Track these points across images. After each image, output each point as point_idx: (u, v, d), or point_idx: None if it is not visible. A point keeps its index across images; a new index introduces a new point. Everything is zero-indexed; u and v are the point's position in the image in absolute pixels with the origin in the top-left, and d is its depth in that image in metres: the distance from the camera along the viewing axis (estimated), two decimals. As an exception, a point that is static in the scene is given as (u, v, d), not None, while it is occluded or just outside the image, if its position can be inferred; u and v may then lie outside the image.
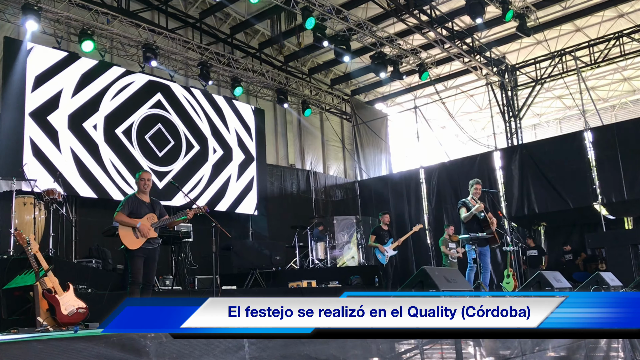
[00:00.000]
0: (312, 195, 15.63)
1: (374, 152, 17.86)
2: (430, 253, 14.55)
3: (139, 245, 5.73)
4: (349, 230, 13.54)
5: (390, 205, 15.49)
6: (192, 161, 12.14)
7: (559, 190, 12.84)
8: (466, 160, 14.94)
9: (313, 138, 16.85)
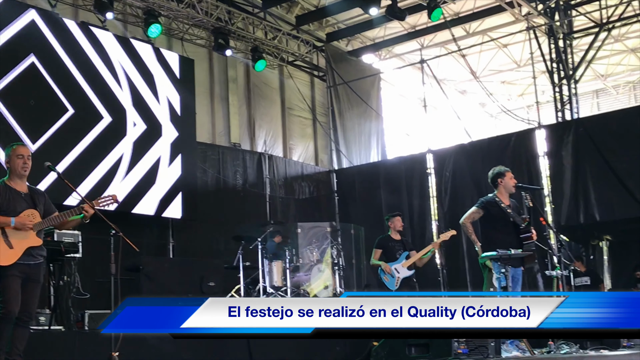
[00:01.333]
0: (266, 190, 15.55)
1: (359, 128, 17.85)
2: (440, 278, 14.63)
3: (14, 260, 5.69)
4: (321, 244, 13.49)
5: (382, 206, 15.53)
6: (93, 141, 11.98)
7: (631, 189, 13.03)
8: (495, 141, 15.05)
9: (269, 105, 16.75)
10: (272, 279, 11.98)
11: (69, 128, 11.85)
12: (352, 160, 17.41)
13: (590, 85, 22.51)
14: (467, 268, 14.26)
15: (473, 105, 22.89)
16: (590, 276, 13.39)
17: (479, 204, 8.03)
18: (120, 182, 12.43)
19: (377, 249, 10.25)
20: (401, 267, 10.02)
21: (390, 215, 10.57)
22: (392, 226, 10.39)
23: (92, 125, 12.22)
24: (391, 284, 9.93)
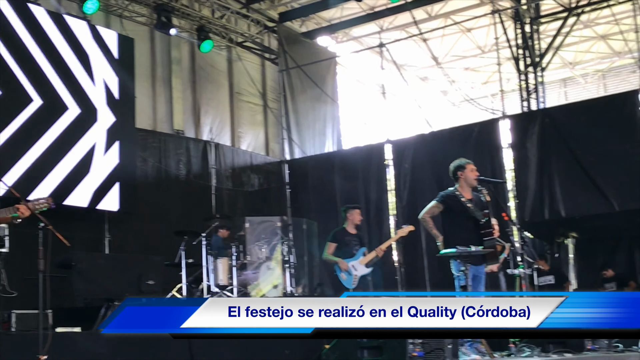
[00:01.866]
0: (212, 181, 15.47)
1: (313, 115, 17.85)
2: (397, 277, 14.73)
3: None
4: (270, 240, 13.48)
5: (337, 199, 15.55)
6: (22, 125, 11.79)
7: (598, 184, 13.22)
8: (457, 131, 15.17)
9: (215, 89, 16.66)
10: (217, 278, 11.91)
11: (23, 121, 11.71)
12: (305, 150, 17.40)
13: (557, 74, 22.82)
14: (426, 266, 14.35)
15: (434, 93, 23.06)
16: (555, 275, 13.59)
17: (438, 198, 8.08)
18: (51, 171, 12.24)
19: (332, 242, 10.19)
20: (359, 264, 10.01)
21: (348, 207, 10.50)
22: (351, 219, 10.33)
23: (20, 108, 11.99)
24: (348, 282, 9.91)
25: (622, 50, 21.29)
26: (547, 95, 16.79)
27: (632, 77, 21.26)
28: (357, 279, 9.90)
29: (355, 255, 10.07)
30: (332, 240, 10.21)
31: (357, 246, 10.20)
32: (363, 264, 10.01)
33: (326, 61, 18.23)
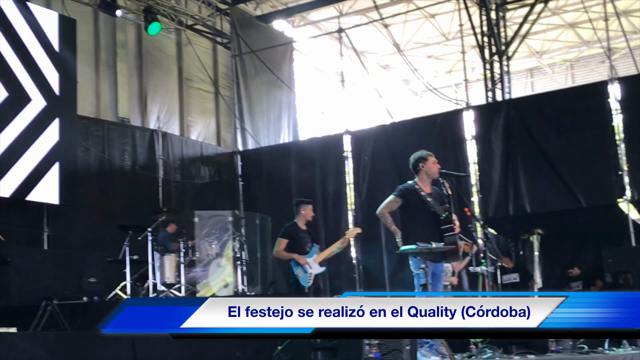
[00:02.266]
0: (159, 173, 15.38)
1: (268, 104, 17.82)
2: (355, 275, 14.77)
3: None
4: (221, 235, 13.44)
5: (292, 193, 15.54)
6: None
7: (565, 179, 13.38)
8: (420, 122, 15.27)
9: (163, 75, 16.57)
10: (164, 275, 11.92)
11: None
12: (259, 141, 17.37)
13: (524, 63, 23.07)
14: (385, 264, 14.41)
15: (396, 81, 23.17)
16: (520, 273, 13.73)
17: (397, 192, 8.08)
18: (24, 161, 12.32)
19: (283, 238, 10.11)
20: (313, 262, 9.99)
21: (301, 201, 10.46)
22: (303, 214, 10.29)
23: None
24: (304, 279, 9.88)
25: (590, 40, 21.60)
26: (513, 86, 16.95)
27: (601, 67, 21.61)
28: (312, 278, 9.89)
29: (308, 252, 10.05)
30: (284, 235, 10.15)
31: (310, 243, 10.17)
32: (317, 263, 10.00)
33: (282, 46, 18.21)
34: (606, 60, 15.87)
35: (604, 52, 15.92)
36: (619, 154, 13.07)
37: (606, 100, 13.31)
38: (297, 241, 10.08)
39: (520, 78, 23.41)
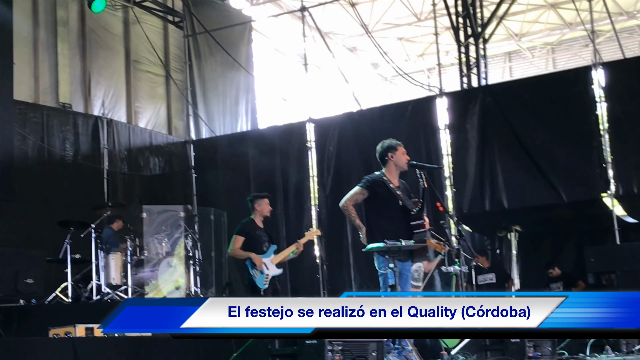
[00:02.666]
0: (104, 163, 15.30)
1: (224, 89, 17.78)
2: (319, 275, 14.77)
3: None
4: (172, 233, 13.43)
5: (250, 186, 15.52)
6: None
7: (545, 172, 13.47)
8: (389, 110, 15.30)
9: (109, 56, 16.46)
10: (109, 276, 11.90)
11: None
12: (214, 129, 17.32)
13: (501, 46, 23.20)
14: (351, 263, 14.46)
15: (364, 65, 23.19)
16: (496, 273, 13.84)
17: (363, 183, 8.02)
18: None
19: (239, 235, 10.10)
20: (270, 262, 9.99)
21: (255, 196, 10.44)
22: (259, 210, 10.27)
23: None
24: (260, 281, 9.88)
25: (573, 21, 21.76)
26: (490, 71, 17.06)
27: (584, 51, 21.82)
28: (269, 279, 9.89)
29: (266, 252, 10.05)
30: (240, 233, 10.13)
31: (267, 243, 10.17)
32: (274, 264, 10.00)
33: (239, 26, 18.14)
34: (590, 43, 16.00)
35: (587, 35, 16.03)
36: (603, 145, 13.15)
37: (590, 87, 13.39)
38: (254, 239, 10.07)
39: (497, 63, 23.57)
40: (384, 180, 8.00)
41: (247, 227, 10.17)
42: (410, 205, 7.87)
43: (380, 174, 8.09)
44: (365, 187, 8.03)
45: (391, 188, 7.94)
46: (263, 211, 10.28)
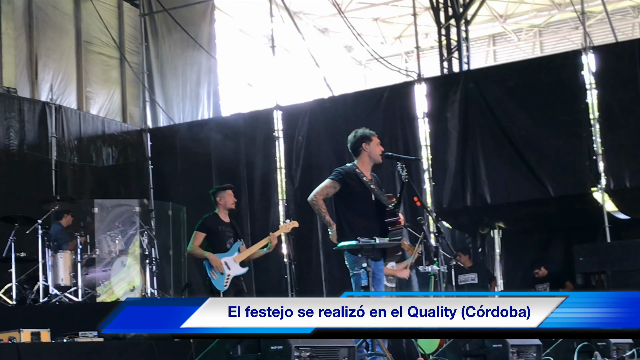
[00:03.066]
0: (52, 153, 15.23)
1: (184, 73, 17.75)
2: (287, 275, 14.76)
3: None
4: (126, 229, 13.43)
5: (213, 178, 15.51)
6: None
7: (531, 164, 13.54)
8: (363, 97, 15.31)
9: (58, 37, 16.40)
10: (57, 276, 11.86)
11: None
12: (172, 117, 17.29)
13: (485, 29, 23.27)
14: (322, 262, 14.50)
15: (336, 48, 23.19)
16: (478, 273, 13.91)
17: (334, 176, 7.96)
18: None
19: (201, 232, 10.09)
20: (233, 261, 9.98)
21: (217, 189, 10.41)
22: (222, 203, 10.24)
23: None
24: (219, 282, 9.87)
25: (562, 2, 21.86)
26: (473, 55, 17.11)
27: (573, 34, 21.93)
28: (230, 280, 9.87)
29: (229, 250, 10.04)
30: (201, 229, 10.11)
31: (232, 239, 10.16)
32: (238, 262, 9.98)
33: (201, 4, 18.08)
34: (580, 26, 16.12)
35: (577, 16, 16.15)
36: (594, 136, 13.22)
37: (579, 73, 13.46)
38: (216, 236, 10.07)
39: (480, 46, 23.65)
40: (357, 173, 7.96)
41: (209, 222, 10.16)
42: (386, 201, 7.86)
43: (353, 165, 8.05)
44: (336, 179, 7.97)
45: (364, 181, 7.90)
46: (226, 204, 10.26)
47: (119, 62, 17.50)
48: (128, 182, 16.62)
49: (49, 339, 9.44)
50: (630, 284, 11.66)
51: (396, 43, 23.42)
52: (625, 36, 20.52)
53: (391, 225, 7.79)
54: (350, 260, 7.73)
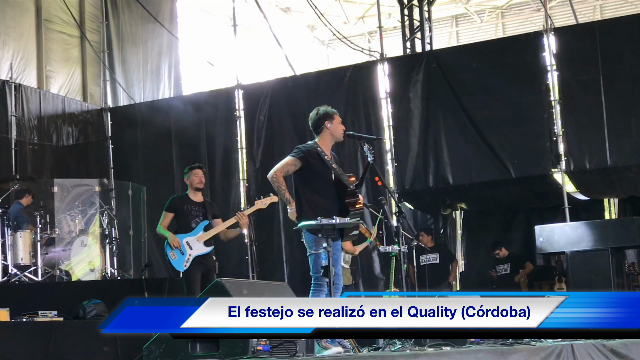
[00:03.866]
0: (11, 133, 15.12)
1: (145, 52, 17.67)
2: (247, 257, 14.79)
3: None
4: (86, 209, 13.40)
5: (173, 158, 15.49)
6: None
7: (492, 145, 13.63)
8: (325, 76, 15.36)
9: (17, 15, 16.23)
10: (17, 256, 11.87)
11: None
12: (133, 96, 17.23)
13: (448, 10, 23.31)
14: (283, 242, 14.52)
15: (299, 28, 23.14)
16: (440, 253, 14.02)
17: (295, 153, 7.85)
18: None
19: (168, 212, 10.14)
20: (195, 240, 9.98)
21: (188, 168, 10.45)
22: (189, 182, 10.27)
23: None
24: (179, 262, 9.88)
25: (524, -17, 21.96)
26: (435, 36, 17.17)
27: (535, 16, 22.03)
28: (191, 260, 9.87)
29: (193, 229, 10.05)
30: (168, 209, 10.17)
31: (199, 218, 10.17)
32: (201, 242, 9.98)
33: (162, -17, 17.99)
34: (541, 8, 16.19)
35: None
36: (554, 117, 13.34)
37: (540, 55, 13.55)
38: (182, 215, 10.12)
39: (443, 27, 23.66)
40: (318, 151, 7.88)
41: (175, 202, 10.24)
42: (347, 181, 7.82)
43: (314, 143, 7.97)
44: (297, 157, 7.86)
45: (326, 160, 7.83)
46: (192, 183, 10.29)
47: (79, 41, 17.36)
48: (88, 161, 16.54)
49: (8, 318, 9.42)
50: (589, 265, 11.83)
51: (359, 23, 23.39)
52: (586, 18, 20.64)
53: (351, 206, 7.74)
54: (308, 240, 7.67)
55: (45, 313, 9.79)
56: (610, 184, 13.76)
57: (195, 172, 10.38)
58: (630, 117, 12.69)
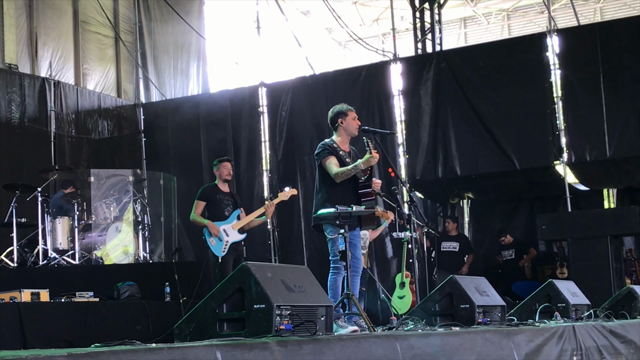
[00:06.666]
0: (51, 126, 15.17)
1: (175, 52, 17.69)
2: (270, 241, 14.82)
3: None
4: (121, 197, 13.42)
5: (201, 151, 15.53)
6: None
7: (498, 139, 13.58)
8: (342, 75, 15.27)
9: (57, 16, 16.23)
10: (56, 240, 11.89)
11: None
12: (164, 93, 17.25)
13: (457, 12, 23.23)
14: (303, 228, 14.53)
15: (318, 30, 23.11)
16: (460, 242, 14.13)
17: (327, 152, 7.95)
18: None
19: (201, 200, 10.24)
20: (231, 228, 10.07)
21: (218, 160, 10.54)
22: (218, 174, 10.41)
23: None
24: (218, 249, 9.99)
25: (530, -12, 21.87)
26: (445, 37, 17.09)
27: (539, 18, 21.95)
28: (228, 246, 9.98)
29: (228, 217, 10.14)
30: (201, 198, 10.28)
31: (231, 207, 10.27)
32: (236, 229, 10.06)
33: (190, -12, 17.99)
34: (545, 10, 16.09)
35: (542, 1, 16.16)
36: (557, 113, 13.29)
37: (544, 54, 13.48)
38: (214, 204, 10.22)
39: (452, 28, 23.62)
40: (334, 147, 8.02)
41: (208, 191, 10.34)
42: (359, 174, 7.88)
43: (331, 140, 8.11)
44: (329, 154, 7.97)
45: (341, 155, 7.96)
46: (222, 175, 10.42)
47: (113, 41, 17.38)
48: (122, 153, 16.58)
49: (48, 298, 9.49)
50: (589, 251, 11.83)
51: (374, 25, 23.34)
52: (587, 20, 20.56)
53: (364, 197, 7.85)
54: (327, 228, 7.78)
55: (83, 294, 9.84)
56: (609, 175, 13.72)
57: (225, 164, 10.49)
58: (628, 113, 12.63)
